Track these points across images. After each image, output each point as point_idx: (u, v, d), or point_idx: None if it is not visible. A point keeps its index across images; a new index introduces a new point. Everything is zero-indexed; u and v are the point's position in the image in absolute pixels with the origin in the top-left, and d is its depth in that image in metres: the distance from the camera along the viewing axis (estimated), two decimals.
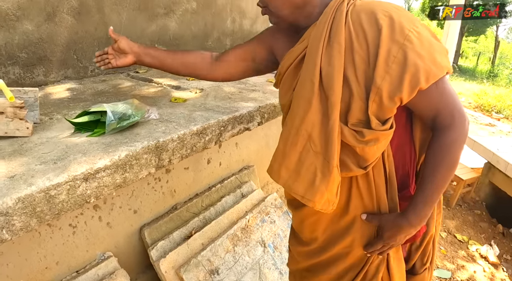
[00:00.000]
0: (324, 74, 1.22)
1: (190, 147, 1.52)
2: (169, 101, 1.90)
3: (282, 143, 1.36)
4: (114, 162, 1.23)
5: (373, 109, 1.17)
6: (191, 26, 3.22)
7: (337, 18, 1.23)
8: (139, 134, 1.41)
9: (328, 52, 1.22)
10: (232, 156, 2.76)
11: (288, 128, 1.32)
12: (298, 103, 1.29)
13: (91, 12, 2.39)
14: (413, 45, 1.13)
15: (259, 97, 2.09)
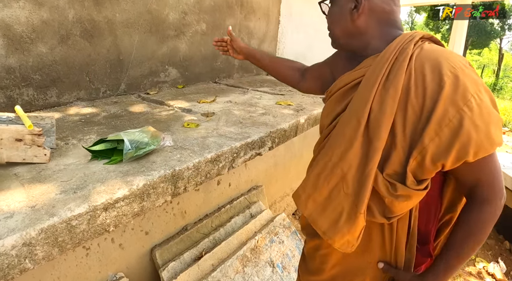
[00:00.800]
0: (373, 117, 1.17)
1: (205, 174, 1.55)
2: (182, 126, 1.92)
3: (315, 175, 1.32)
4: (133, 191, 1.25)
5: (412, 167, 1.13)
6: (201, 47, 3.27)
7: (399, 60, 1.18)
8: (155, 162, 1.43)
9: (382, 94, 1.18)
10: (241, 176, 2.79)
11: (325, 161, 1.28)
12: (339, 139, 1.25)
13: (103, 35, 2.44)
14: (471, 113, 1.06)
15: (270, 121, 2.12)
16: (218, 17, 3.38)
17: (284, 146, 3.56)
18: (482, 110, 1.08)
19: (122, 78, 2.62)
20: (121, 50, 2.57)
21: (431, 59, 1.15)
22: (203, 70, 3.35)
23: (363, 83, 1.24)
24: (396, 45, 1.22)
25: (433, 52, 1.18)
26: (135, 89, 2.72)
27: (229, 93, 2.91)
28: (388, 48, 1.23)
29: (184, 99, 2.58)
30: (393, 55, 1.20)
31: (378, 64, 1.22)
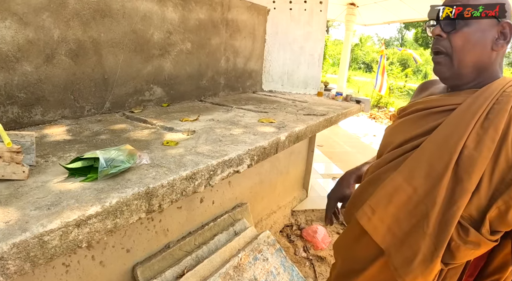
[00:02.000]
0: (466, 155, 1.09)
1: (180, 191, 1.58)
2: (161, 144, 1.96)
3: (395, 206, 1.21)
4: (106, 208, 1.28)
5: (492, 215, 1.07)
6: (186, 66, 3.32)
7: (502, 102, 1.12)
8: (130, 180, 1.46)
9: (479, 133, 1.10)
10: (225, 194, 2.81)
11: (408, 193, 1.18)
12: (425, 170, 1.16)
13: (88, 54, 2.48)
14: None
15: (249, 139, 2.16)
16: (203, 36, 3.44)
17: (269, 163, 3.59)
18: None
19: (107, 97, 2.65)
20: (106, 69, 2.61)
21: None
22: (188, 88, 3.39)
23: (457, 114, 1.17)
24: (498, 85, 1.18)
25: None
26: (120, 107, 2.76)
27: (213, 111, 2.95)
28: (489, 86, 1.19)
29: (168, 117, 2.61)
30: (494, 95, 1.15)
31: (476, 100, 1.16)
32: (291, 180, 4.61)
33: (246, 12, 4.02)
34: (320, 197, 5.26)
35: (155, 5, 2.88)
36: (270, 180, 3.83)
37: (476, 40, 1.21)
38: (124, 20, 2.66)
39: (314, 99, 4.39)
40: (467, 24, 1.23)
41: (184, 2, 3.15)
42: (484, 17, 1.22)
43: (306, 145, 4.89)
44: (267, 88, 4.71)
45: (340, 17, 12.75)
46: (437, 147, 1.15)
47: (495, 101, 1.14)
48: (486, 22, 1.22)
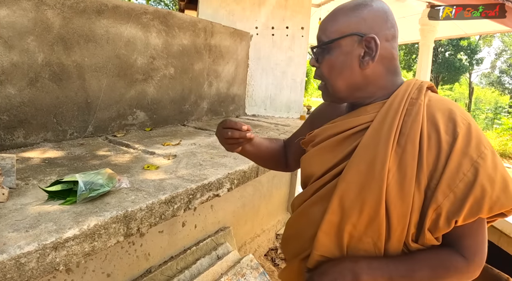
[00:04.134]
0: (392, 180, 1.08)
1: (159, 215, 1.59)
2: (142, 168, 1.98)
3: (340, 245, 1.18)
4: (83, 231, 1.29)
5: (428, 226, 1.06)
6: (169, 91, 3.36)
7: (412, 112, 1.12)
8: (109, 204, 1.48)
9: (397, 152, 1.09)
10: (208, 218, 2.82)
11: (349, 231, 1.15)
12: (358, 204, 1.12)
13: (71, 78, 2.50)
14: (486, 165, 1.03)
15: (230, 163, 2.19)
16: (186, 62, 3.49)
17: (252, 187, 3.61)
18: (496, 163, 1.05)
19: (90, 121, 2.67)
20: (89, 93, 2.63)
21: (443, 108, 1.11)
22: (171, 113, 3.42)
23: (373, 134, 1.14)
24: (403, 93, 1.16)
25: (443, 102, 1.14)
26: (102, 131, 2.78)
27: (195, 136, 2.98)
28: (395, 96, 1.17)
29: (150, 141, 2.64)
30: (403, 105, 1.13)
31: (387, 114, 1.14)
32: (275, 203, 4.61)
33: (229, 38, 4.09)
34: None
35: (139, 31, 2.93)
36: (253, 204, 3.83)
37: (340, 64, 1.17)
38: (108, 45, 2.70)
39: (297, 123, 4.44)
40: (329, 51, 1.18)
41: (168, 28, 3.21)
42: (341, 38, 1.16)
43: None
44: (250, 112, 4.76)
45: None
46: (362, 179, 1.12)
47: (405, 112, 1.12)
48: (347, 42, 1.16)
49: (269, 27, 4.70)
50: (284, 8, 4.73)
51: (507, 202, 1.01)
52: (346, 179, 1.13)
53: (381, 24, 1.15)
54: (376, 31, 1.13)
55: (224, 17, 4.49)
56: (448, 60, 33.45)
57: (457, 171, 1.02)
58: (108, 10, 2.67)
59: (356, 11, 1.15)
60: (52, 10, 2.31)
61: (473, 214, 1.01)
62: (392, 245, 1.11)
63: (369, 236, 1.12)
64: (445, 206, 1.02)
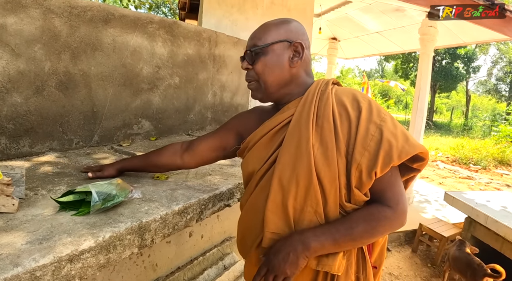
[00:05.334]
0: (317, 153, 1.33)
1: (172, 226, 1.58)
2: (152, 178, 1.96)
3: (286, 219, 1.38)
4: (99, 243, 1.27)
5: (355, 184, 1.30)
6: (174, 100, 3.35)
7: (323, 99, 1.39)
8: (123, 214, 1.46)
9: (317, 130, 1.35)
10: (214, 228, 2.80)
11: (294, 206, 1.37)
12: (293, 179, 1.35)
13: (78, 87, 2.49)
14: (387, 125, 1.31)
15: (238, 172, 2.17)
16: (191, 71, 3.49)
17: None
18: (396, 124, 1.34)
19: (96, 130, 2.66)
20: (95, 102, 2.62)
21: (347, 93, 1.42)
22: (176, 122, 3.41)
23: (295, 122, 1.41)
24: (315, 88, 1.45)
25: (347, 89, 1.45)
26: (108, 140, 2.76)
27: None
28: (309, 91, 1.45)
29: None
30: (316, 96, 1.41)
31: (304, 105, 1.42)
32: None
33: (233, 47, 4.09)
34: None
35: (145, 40, 2.93)
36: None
37: (273, 64, 1.46)
38: (114, 54, 2.69)
39: None
40: (264, 53, 1.45)
41: (173, 37, 3.20)
42: (275, 43, 1.45)
43: None
44: None
45: (323, 51, 13.04)
46: (295, 157, 1.35)
47: (318, 100, 1.40)
48: (279, 46, 1.45)
49: None
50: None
51: (410, 149, 1.28)
52: (281, 162, 1.38)
53: (302, 35, 1.49)
54: (300, 39, 1.47)
55: (228, 27, 4.50)
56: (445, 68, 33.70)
57: (366, 134, 1.29)
58: (115, 19, 2.66)
59: (284, 24, 1.48)
60: (59, 18, 2.31)
61: (387, 163, 1.26)
62: (330, 209, 1.33)
63: (309, 205, 1.34)
64: (363, 162, 1.28)
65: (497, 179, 12.69)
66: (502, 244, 4.85)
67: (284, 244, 1.32)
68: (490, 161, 15.12)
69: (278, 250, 1.33)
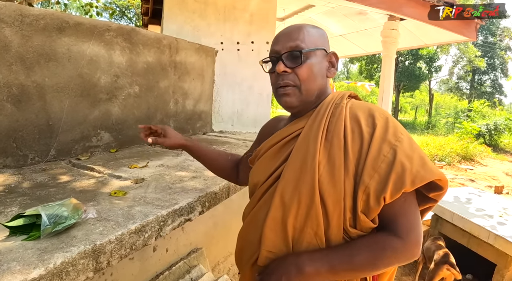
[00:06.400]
0: (323, 170, 1.21)
1: (129, 246, 1.51)
2: (109, 194, 1.89)
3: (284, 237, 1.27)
4: (50, 270, 1.21)
5: (361, 208, 1.17)
6: (134, 110, 3.27)
7: (336, 113, 1.29)
8: (76, 237, 1.39)
9: (326, 146, 1.25)
10: (179, 240, 2.74)
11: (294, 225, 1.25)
12: (296, 196, 1.24)
13: (32, 100, 2.40)
14: (403, 146, 1.17)
15: (200, 185, 2.12)
16: (151, 79, 3.41)
17: (223, 205, 3.54)
18: (413, 145, 1.20)
19: (52, 144, 2.56)
20: (50, 115, 2.53)
21: (363, 108, 1.30)
22: (137, 132, 3.31)
23: (304, 136, 1.31)
24: (329, 101, 1.35)
25: (364, 103, 1.33)
26: (65, 154, 2.67)
27: (162, 156, 2.89)
28: (323, 103, 1.35)
29: (116, 164, 2.54)
30: (329, 110, 1.31)
31: (316, 118, 1.32)
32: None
33: (195, 54, 4.04)
34: None
35: (102, 48, 2.85)
36: (225, 222, 3.77)
37: (317, 70, 1.37)
38: (70, 64, 2.61)
39: None
40: (309, 57, 1.35)
41: (132, 45, 3.13)
42: (318, 49, 1.38)
43: None
44: (218, 129, 4.71)
45: None
46: (299, 173, 1.25)
47: (330, 114, 1.31)
48: (320, 53, 1.38)
49: (234, 42, 4.68)
50: (249, 23, 4.73)
51: (427, 175, 1.13)
52: (285, 177, 1.28)
53: (329, 45, 1.43)
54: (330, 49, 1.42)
55: (189, 33, 4.44)
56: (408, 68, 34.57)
57: (378, 154, 1.17)
58: (70, 27, 2.58)
59: (319, 31, 1.42)
60: (10, 28, 2.22)
61: (398, 188, 1.12)
62: (332, 232, 1.20)
63: (309, 226, 1.22)
64: (372, 185, 1.14)
65: (461, 174, 12.99)
66: (469, 240, 4.94)
67: (278, 266, 1.23)
68: (454, 157, 15.49)
69: (272, 271, 1.24)
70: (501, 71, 39.62)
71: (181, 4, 4.44)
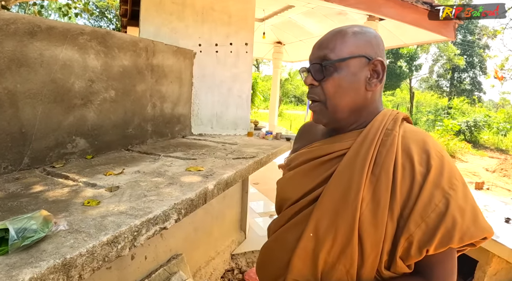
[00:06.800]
0: (366, 209, 1.11)
1: (102, 258, 1.47)
2: (82, 204, 1.84)
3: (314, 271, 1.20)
4: None
5: (400, 254, 1.09)
6: (110, 115, 3.21)
7: (387, 143, 1.17)
8: (46, 251, 1.35)
9: (372, 181, 1.14)
10: (158, 247, 2.71)
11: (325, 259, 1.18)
12: (334, 237, 1.15)
13: (3, 107, 2.34)
14: (457, 196, 1.07)
15: (176, 192, 2.08)
16: (127, 83, 3.36)
17: (203, 210, 3.52)
18: (467, 196, 1.09)
19: (25, 152, 2.50)
20: (23, 122, 2.47)
21: (417, 140, 1.17)
22: (114, 138, 3.27)
23: (348, 163, 1.19)
24: (379, 123, 1.22)
25: (417, 133, 1.20)
26: (40, 162, 2.60)
27: (139, 162, 2.84)
28: (372, 125, 1.23)
29: (91, 171, 2.49)
30: (378, 135, 1.19)
31: (363, 144, 1.19)
32: (227, 224, 4.54)
33: (172, 56, 4.00)
34: (259, 237, 5.23)
35: (76, 53, 2.79)
36: (205, 227, 3.74)
37: (348, 84, 1.22)
38: (42, 70, 2.55)
39: (244, 140, 4.39)
40: (337, 70, 1.22)
41: (107, 49, 3.08)
42: (352, 58, 1.21)
43: (240, 186, 4.86)
44: (197, 132, 4.67)
45: (268, 55, 13.08)
46: (336, 206, 1.16)
47: (380, 143, 1.18)
48: (356, 63, 1.22)
49: (213, 44, 4.65)
50: (227, 25, 4.69)
51: (477, 233, 1.04)
52: (322, 207, 1.18)
53: (382, 52, 1.25)
54: (380, 56, 1.23)
55: (167, 35, 4.39)
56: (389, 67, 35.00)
57: (429, 202, 1.06)
58: (42, 31, 2.52)
59: (363, 35, 1.24)
60: None
61: (444, 243, 1.04)
62: (365, 272, 1.13)
63: (342, 263, 1.14)
64: (417, 235, 1.05)
65: None
66: None
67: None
68: None
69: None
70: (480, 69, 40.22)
71: (158, 6, 4.39)
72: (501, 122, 23.97)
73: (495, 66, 15.53)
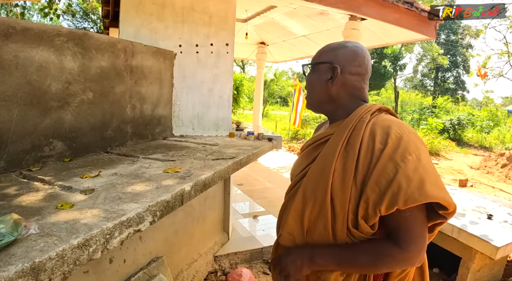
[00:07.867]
0: (336, 177, 1.44)
1: (73, 262, 1.45)
2: (56, 207, 1.82)
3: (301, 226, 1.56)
4: None
5: (361, 215, 1.38)
6: (88, 117, 3.18)
7: (358, 127, 1.48)
8: (15, 255, 1.33)
9: (344, 156, 1.46)
10: (137, 250, 2.68)
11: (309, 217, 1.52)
12: (314, 200, 1.49)
13: None
14: (406, 167, 1.32)
15: (151, 193, 2.06)
16: (106, 85, 3.34)
17: (183, 212, 3.51)
18: (417, 168, 1.32)
19: (1, 156, 2.47)
20: None
21: (383, 125, 1.45)
22: (92, 140, 3.23)
23: (330, 143, 1.53)
24: (356, 114, 1.53)
25: (387, 120, 1.48)
26: (16, 166, 2.57)
27: (117, 164, 2.81)
28: (350, 116, 1.55)
29: (68, 174, 2.45)
30: (353, 123, 1.50)
31: (342, 129, 1.52)
32: (210, 225, 4.52)
33: (152, 57, 3.98)
34: (242, 238, 5.22)
35: (52, 54, 2.77)
36: (186, 229, 3.72)
37: (314, 81, 1.69)
38: (17, 72, 2.52)
39: (226, 141, 4.38)
40: (312, 70, 1.72)
41: (84, 50, 3.06)
42: (321, 63, 1.67)
43: (222, 187, 4.85)
44: (178, 133, 4.65)
45: (252, 56, 13.08)
46: (318, 176, 1.50)
47: (353, 128, 1.49)
48: (323, 67, 1.66)
49: (193, 44, 4.63)
50: (208, 25, 4.68)
51: (420, 197, 1.27)
52: (308, 177, 1.55)
53: (348, 61, 1.61)
54: (342, 64, 1.61)
55: (147, 36, 4.37)
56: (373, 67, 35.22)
57: (383, 171, 1.34)
58: (17, 33, 2.49)
59: (335, 49, 1.65)
60: None
61: (391, 205, 1.30)
62: (338, 228, 1.44)
63: (320, 220, 1.48)
64: (371, 197, 1.34)
65: None
66: None
67: (295, 251, 1.52)
68: None
69: (289, 253, 1.53)
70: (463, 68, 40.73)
71: (137, 7, 4.36)
72: (484, 120, 24.32)
73: (478, 64, 15.69)
